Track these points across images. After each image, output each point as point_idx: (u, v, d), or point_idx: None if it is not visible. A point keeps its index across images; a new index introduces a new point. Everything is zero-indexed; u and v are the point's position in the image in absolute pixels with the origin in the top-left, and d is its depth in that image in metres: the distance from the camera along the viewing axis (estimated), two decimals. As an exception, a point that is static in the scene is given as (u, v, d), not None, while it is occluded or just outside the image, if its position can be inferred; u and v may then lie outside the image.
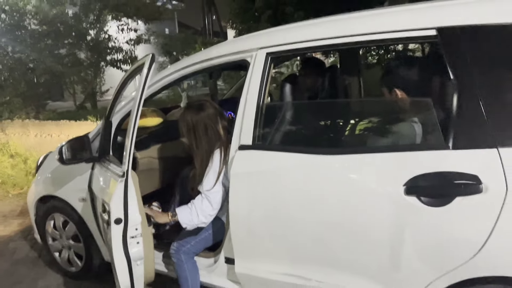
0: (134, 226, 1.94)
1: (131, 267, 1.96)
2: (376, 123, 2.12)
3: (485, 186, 1.47)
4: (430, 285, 1.64)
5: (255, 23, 14.89)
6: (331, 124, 2.19)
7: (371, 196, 1.70)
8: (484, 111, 1.49)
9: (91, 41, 11.40)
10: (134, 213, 1.93)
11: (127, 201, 1.89)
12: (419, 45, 8.62)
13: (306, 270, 1.96)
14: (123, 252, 1.92)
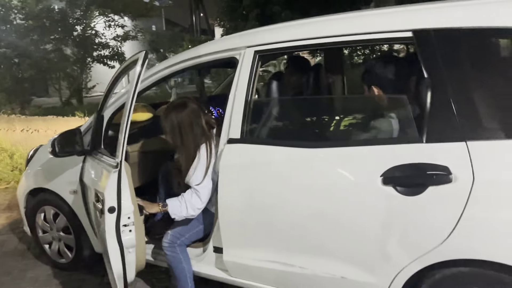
0: (127, 215, 2.02)
1: (123, 255, 2.05)
2: (356, 119, 2.25)
3: (454, 177, 1.59)
4: (404, 269, 1.76)
5: (243, 21, 14.97)
6: (315, 119, 2.31)
7: (351, 187, 1.82)
8: (454, 107, 1.62)
9: (77, 36, 11.36)
10: (127, 202, 2.01)
11: (120, 190, 1.97)
12: (403, 46, 8.84)
13: (290, 256, 2.07)
14: (116, 240, 2.01)
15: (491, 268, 1.59)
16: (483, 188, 1.55)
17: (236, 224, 2.18)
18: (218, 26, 17.74)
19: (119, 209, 1.99)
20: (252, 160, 2.09)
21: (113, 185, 1.97)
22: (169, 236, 2.37)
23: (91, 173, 2.45)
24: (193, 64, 2.38)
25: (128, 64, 2.24)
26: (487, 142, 1.57)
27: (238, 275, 2.29)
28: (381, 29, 1.83)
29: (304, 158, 1.95)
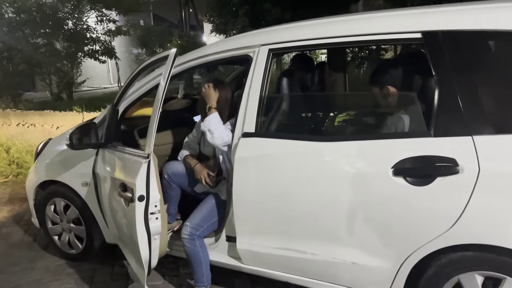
0: (154, 203, 2.13)
1: (150, 241, 2.15)
2: (369, 115, 2.38)
3: (461, 168, 1.73)
4: (413, 254, 1.90)
5: (233, 17, 15.05)
6: (328, 115, 2.43)
7: (364, 177, 1.94)
8: (461, 104, 1.75)
9: (68, 31, 11.30)
10: (155, 191, 2.12)
11: (149, 180, 2.08)
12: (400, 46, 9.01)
13: (302, 244, 2.19)
14: (145, 227, 2.11)
15: (493, 252, 1.73)
16: (488, 178, 1.69)
17: (250, 213, 2.29)
18: (207, 22, 17.77)
19: (148, 198, 2.09)
20: (266, 153, 2.20)
21: (143, 175, 2.07)
22: (189, 228, 2.44)
23: (111, 165, 2.53)
24: (209, 61, 2.48)
25: (154, 60, 2.33)
26: (491, 137, 1.71)
27: (251, 262, 2.40)
28: (392, 30, 1.95)
29: (319, 151, 2.07)
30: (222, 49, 2.44)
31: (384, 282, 2.02)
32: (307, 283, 2.26)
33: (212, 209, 2.47)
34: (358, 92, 2.53)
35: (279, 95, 2.51)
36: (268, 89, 2.27)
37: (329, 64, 3.21)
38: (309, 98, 2.69)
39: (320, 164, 2.06)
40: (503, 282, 1.76)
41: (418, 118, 1.91)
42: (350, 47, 2.78)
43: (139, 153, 2.17)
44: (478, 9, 1.86)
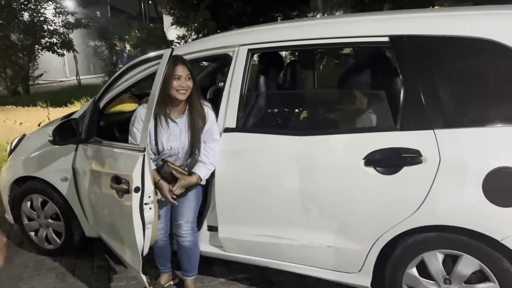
0: (148, 194, 2.22)
1: (144, 230, 2.25)
2: (342, 110, 2.58)
3: (424, 158, 1.95)
4: (382, 236, 2.11)
5: (194, 10, 15.01)
6: (304, 110, 2.60)
7: (338, 168, 2.14)
8: (424, 101, 1.97)
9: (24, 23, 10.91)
10: (149, 183, 2.21)
11: (144, 172, 2.17)
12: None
13: (281, 230, 2.37)
14: (139, 217, 2.21)
15: (453, 232, 1.97)
16: (447, 167, 1.92)
17: (231, 204, 2.44)
18: (167, 14, 17.61)
19: (143, 189, 2.18)
20: (246, 147, 2.35)
21: (139, 167, 2.16)
22: (190, 225, 2.50)
23: (96, 159, 2.60)
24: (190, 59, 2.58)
25: (146, 59, 2.41)
26: (450, 130, 1.94)
27: (232, 250, 2.56)
28: (363, 33, 2.15)
29: (295, 144, 2.25)
30: (201, 48, 2.56)
31: (356, 263, 2.23)
32: (286, 267, 2.44)
33: (199, 199, 2.55)
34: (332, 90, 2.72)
35: (258, 92, 2.66)
36: (248, 87, 2.42)
37: (299, 62, 3.40)
38: (285, 95, 2.86)
39: (297, 157, 2.23)
40: (460, 258, 2.00)
41: (386, 113, 2.12)
42: (324, 48, 2.97)
43: (134, 147, 2.25)
44: (439, 16, 2.08)
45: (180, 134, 2.38)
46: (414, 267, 2.13)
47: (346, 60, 9.16)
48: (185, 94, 2.30)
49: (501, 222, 1.85)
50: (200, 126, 2.36)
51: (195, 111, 2.36)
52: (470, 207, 1.90)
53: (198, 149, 2.37)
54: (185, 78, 2.27)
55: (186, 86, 2.28)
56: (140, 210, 2.17)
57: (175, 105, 2.36)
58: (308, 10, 18.15)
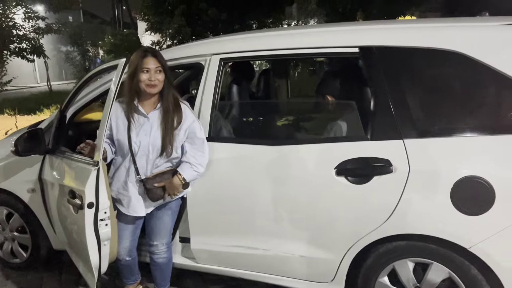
0: (104, 210, 2.16)
1: (100, 247, 2.19)
2: (314, 120, 2.59)
3: (394, 167, 1.97)
4: (354, 245, 2.12)
5: (169, 16, 14.93)
6: (276, 120, 2.60)
7: (310, 177, 2.14)
8: (393, 112, 2.00)
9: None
10: (104, 198, 2.15)
11: (98, 187, 2.11)
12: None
13: (253, 241, 2.35)
14: (94, 233, 2.14)
15: (422, 240, 2.00)
16: (416, 176, 1.95)
17: (204, 215, 2.41)
18: (142, 20, 17.46)
19: (97, 205, 2.12)
20: (218, 157, 2.32)
21: (92, 182, 2.10)
22: (166, 243, 2.43)
23: (59, 171, 2.52)
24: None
25: (104, 69, 2.36)
26: (419, 140, 1.97)
27: (205, 261, 2.52)
28: (333, 44, 2.17)
29: (267, 154, 2.24)
30: (173, 56, 2.52)
31: (329, 272, 2.23)
32: (260, 277, 2.42)
33: (175, 215, 2.45)
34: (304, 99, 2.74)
35: (230, 101, 2.65)
36: (220, 96, 2.41)
37: (273, 71, 3.42)
38: (257, 104, 2.86)
39: (268, 167, 2.22)
40: (430, 266, 2.03)
41: (356, 123, 2.14)
42: (296, 58, 2.99)
43: (88, 160, 2.19)
44: (407, 28, 2.13)
45: (150, 130, 2.21)
46: (385, 276, 2.15)
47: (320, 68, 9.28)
48: (155, 88, 2.16)
49: (468, 230, 1.89)
50: (174, 123, 2.19)
51: (168, 106, 2.20)
52: (439, 216, 1.93)
53: (170, 148, 2.20)
54: (154, 71, 2.13)
55: (155, 79, 2.14)
56: (95, 227, 2.11)
57: (147, 99, 2.22)
58: (283, 17, 18.33)
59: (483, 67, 1.88)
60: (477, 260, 1.90)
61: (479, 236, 1.86)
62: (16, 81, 13.69)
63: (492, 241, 1.84)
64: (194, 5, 14.38)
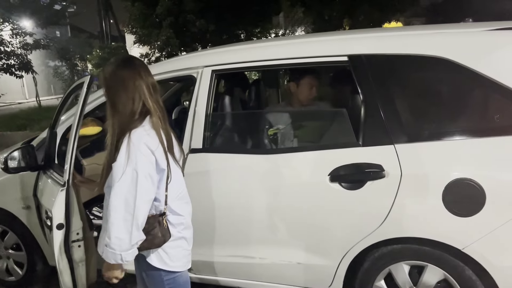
0: (76, 231, 2.12)
1: (73, 269, 2.15)
2: (306, 128, 2.62)
3: (387, 172, 2.01)
4: (350, 250, 2.15)
5: (157, 29, 14.96)
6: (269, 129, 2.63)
7: (304, 185, 2.17)
8: (384, 118, 2.04)
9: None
10: (75, 219, 2.10)
11: (68, 208, 2.07)
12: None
13: (250, 250, 2.37)
14: (65, 256, 2.10)
15: (417, 243, 2.03)
16: (409, 180, 1.98)
17: (200, 225, 2.41)
18: (129, 33, 17.47)
19: (68, 226, 2.08)
20: (213, 167, 2.35)
21: (61, 202, 2.06)
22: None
23: (43, 189, 2.52)
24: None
25: (76, 86, 2.38)
26: (409, 144, 2.01)
27: (201, 272, 2.53)
28: (322, 53, 2.22)
29: (261, 163, 2.27)
30: (165, 70, 2.55)
31: (326, 278, 2.25)
32: (257, 286, 2.43)
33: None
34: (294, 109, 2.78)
35: (223, 112, 2.68)
36: (213, 107, 2.43)
37: (263, 81, 3.45)
38: (249, 114, 2.89)
39: (264, 176, 2.25)
40: (425, 268, 2.06)
41: (348, 130, 2.17)
42: (286, 68, 3.04)
43: (59, 180, 2.16)
44: (395, 36, 2.18)
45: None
46: (382, 280, 2.18)
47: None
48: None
49: (461, 231, 1.92)
50: (107, 157, 1.70)
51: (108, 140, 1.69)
52: (432, 218, 1.96)
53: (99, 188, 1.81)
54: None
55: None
56: (66, 248, 2.08)
57: None
58: (271, 27, 18.47)
59: (469, 72, 1.93)
60: (471, 260, 1.94)
61: (471, 237, 1.90)
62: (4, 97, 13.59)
63: (484, 242, 1.88)
64: (181, 17, 14.44)
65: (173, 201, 1.75)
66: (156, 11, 14.37)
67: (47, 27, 13.20)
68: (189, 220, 1.86)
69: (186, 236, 1.82)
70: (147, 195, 1.61)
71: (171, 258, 1.75)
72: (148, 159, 1.59)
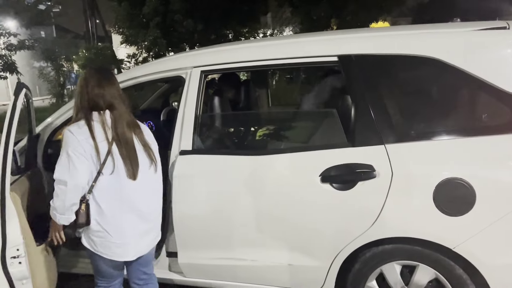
0: (15, 247, 2.00)
1: (13, 287, 2.04)
2: (296, 128, 2.61)
3: (377, 173, 2.01)
4: (341, 251, 2.14)
5: (144, 29, 14.86)
6: (258, 130, 2.62)
7: (295, 186, 2.16)
8: (374, 118, 2.04)
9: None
10: (14, 234, 2.00)
11: (4, 223, 1.97)
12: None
13: (242, 252, 2.34)
14: (3, 273, 2.00)
15: (408, 243, 2.03)
16: (399, 180, 1.98)
17: (190, 228, 2.39)
18: (116, 33, 17.32)
19: (4, 241, 1.98)
20: (203, 169, 2.33)
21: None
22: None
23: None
24: (139, 82, 2.55)
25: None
26: (400, 144, 2.01)
27: (193, 275, 2.50)
28: (312, 54, 2.21)
29: (251, 164, 2.25)
30: (153, 70, 2.53)
31: (318, 279, 2.24)
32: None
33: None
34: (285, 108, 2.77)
35: (212, 113, 2.65)
36: (203, 108, 2.41)
37: (252, 81, 3.44)
38: (239, 115, 2.88)
39: (254, 177, 2.23)
40: (416, 268, 2.06)
41: (339, 131, 2.17)
42: (274, 69, 3.03)
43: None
44: (384, 36, 2.19)
45: None
46: (374, 280, 2.18)
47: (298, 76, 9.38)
48: None
49: (452, 231, 1.93)
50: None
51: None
52: (423, 218, 1.97)
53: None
54: None
55: None
56: (3, 265, 1.97)
57: None
58: (259, 26, 18.47)
59: (458, 71, 1.94)
60: (462, 259, 1.94)
61: (462, 236, 1.91)
62: (-4, 98, 13.35)
63: (475, 240, 1.89)
64: (169, 17, 14.36)
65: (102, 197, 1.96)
66: (143, 11, 14.27)
67: (32, 28, 12.99)
68: (122, 223, 2.01)
69: (109, 231, 1.98)
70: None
71: (96, 244, 2.00)
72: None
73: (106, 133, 1.95)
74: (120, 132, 1.97)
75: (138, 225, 2.05)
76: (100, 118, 1.97)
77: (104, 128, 1.95)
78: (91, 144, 1.90)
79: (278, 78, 12.69)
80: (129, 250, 2.05)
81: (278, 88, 10.60)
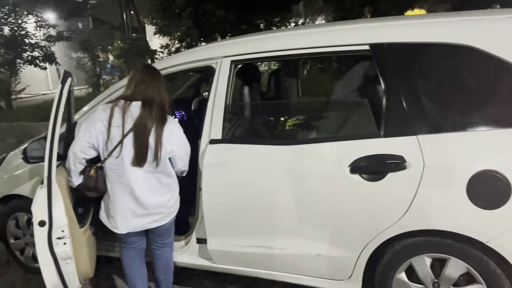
0: (60, 228, 2.12)
1: (59, 266, 2.16)
2: (327, 118, 2.60)
3: (408, 164, 1.97)
4: (370, 242, 2.12)
5: (176, 19, 15.00)
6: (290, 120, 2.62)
7: (325, 176, 2.15)
8: (406, 108, 2.00)
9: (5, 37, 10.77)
10: (60, 216, 2.12)
11: (51, 205, 2.08)
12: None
13: (270, 240, 2.37)
14: (49, 252, 2.11)
15: (439, 236, 2.00)
16: (431, 172, 1.94)
17: (220, 216, 2.43)
18: (150, 24, 17.57)
19: (51, 223, 2.09)
20: (233, 158, 2.35)
21: (42, 199, 2.07)
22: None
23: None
24: (171, 72, 2.59)
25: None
26: (432, 135, 1.96)
27: (222, 261, 2.55)
28: (343, 42, 2.18)
29: (281, 154, 2.26)
30: (184, 61, 2.56)
31: (346, 270, 2.24)
32: (277, 277, 2.44)
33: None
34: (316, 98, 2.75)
35: (242, 103, 2.67)
36: (232, 97, 2.43)
37: (282, 70, 3.43)
38: (269, 104, 2.88)
39: (284, 166, 2.24)
40: (447, 261, 2.02)
41: (369, 121, 2.14)
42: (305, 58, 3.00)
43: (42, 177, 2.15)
44: (417, 24, 2.13)
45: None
46: (403, 272, 2.15)
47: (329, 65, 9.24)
48: None
49: (485, 224, 1.88)
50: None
51: None
52: (455, 211, 1.92)
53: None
54: None
55: None
56: (49, 245, 2.08)
57: None
58: (290, 16, 18.29)
59: (495, 60, 1.88)
60: (496, 254, 1.89)
61: (496, 230, 1.86)
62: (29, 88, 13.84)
63: (510, 235, 1.83)
64: (201, 7, 14.42)
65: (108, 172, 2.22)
66: (176, 1, 14.37)
67: (70, 19, 13.37)
68: (117, 199, 2.23)
69: (107, 202, 2.27)
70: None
71: (103, 212, 2.33)
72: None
73: (124, 120, 2.11)
74: (140, 124, 2.11)
75: (132, 206, 2.21)
76: (124, 106, 2.13)
77: (123, 115, 2.11)
78: (105, 126, 2.11)
79: (309, 67, 12.56)
80: (119, 224, 2.24)
81: (309, 77, 10.50)
